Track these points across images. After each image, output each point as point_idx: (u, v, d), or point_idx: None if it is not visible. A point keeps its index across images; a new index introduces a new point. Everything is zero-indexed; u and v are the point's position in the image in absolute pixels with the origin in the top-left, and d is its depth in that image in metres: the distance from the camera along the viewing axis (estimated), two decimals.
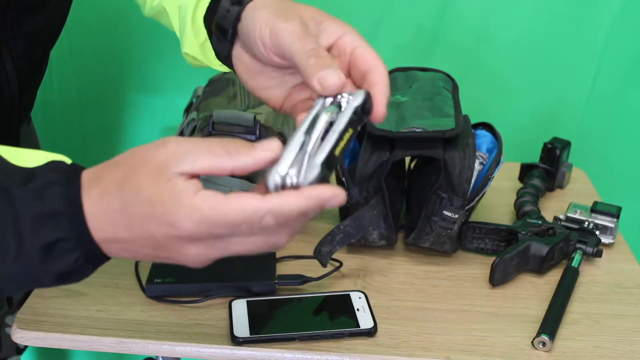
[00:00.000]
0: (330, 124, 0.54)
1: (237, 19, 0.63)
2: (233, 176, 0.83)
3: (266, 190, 0.50)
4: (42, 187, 0.48)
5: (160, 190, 0.47)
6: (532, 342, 0.76)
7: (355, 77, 0.60)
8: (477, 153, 0.88)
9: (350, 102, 0.55)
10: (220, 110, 0.90)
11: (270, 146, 0.50)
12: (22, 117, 0.87)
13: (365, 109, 0.56)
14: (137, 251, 0.51)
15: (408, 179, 0.96)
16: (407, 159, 0.98)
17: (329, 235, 0.85)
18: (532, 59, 1.26)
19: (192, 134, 0.94)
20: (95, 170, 0.50)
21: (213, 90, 1.01)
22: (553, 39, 1.24)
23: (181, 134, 0.98)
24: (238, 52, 0.66)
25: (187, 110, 1.05)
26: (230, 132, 0.89)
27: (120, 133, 1.37)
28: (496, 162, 0.88)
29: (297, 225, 0.51)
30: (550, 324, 0.78)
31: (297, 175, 0.50)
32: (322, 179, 0.51)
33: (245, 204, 0.47)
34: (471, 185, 0.86)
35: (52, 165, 0.50)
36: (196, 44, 0.72)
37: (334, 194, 0.49)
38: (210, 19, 0.68)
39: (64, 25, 0.87)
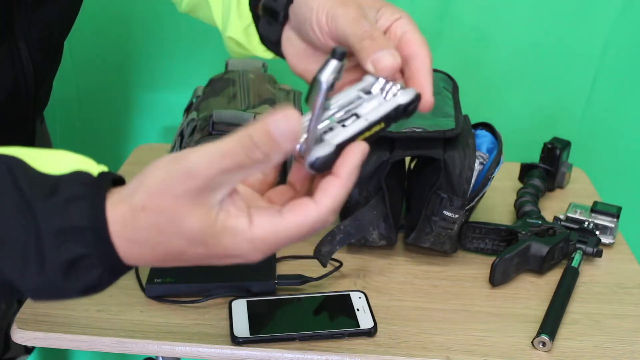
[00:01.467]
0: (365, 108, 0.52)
1: (290, 1, 0.63)
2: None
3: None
4: (66, 201, 0.46)
5: (213, 232, 0.45)
6: (532, 342, 0.76)
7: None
8: (477, 153, 0.88)
9: (396, 97, 0.53)
10: (220, 110, 0.90)
11: (290, 129, 0.44)
12: (37, 110, 0.86)
13: (407, 110, 0.53)
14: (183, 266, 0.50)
15: (408, 179, 0.96)
16: (407, 159, 0.98)
17: (329, 235, 0.85)
18: (532, 59, 1.26)
19: (192, 134, 0.94)
20: (123, 213, 0.46)
21: (213, 90, 1.01)
22: (553, 39, 1.24)
23: (181, 134, 0.98)
24: (288, 35, 0.65)
25: (187, 110, 1.05)
26: (230, 132, 0.89)
27: (120, 133, 1.37)
28: (496, 162, 0.88)
29: None
30: (550, 324, 0.78)
31: (305, 146, 0.47)
32: (333, 160, 0.48)
33: (304, 219, 0.46)
34: (471, 185, 0.86)
35: (77, 176, 0.48)
36: (240, 28, 0.70)
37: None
38: (257, 3, 0.67)
39: (78, 14, 0.87)
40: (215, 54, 1.21)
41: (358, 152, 0.48)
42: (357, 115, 0.51)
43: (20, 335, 0.75)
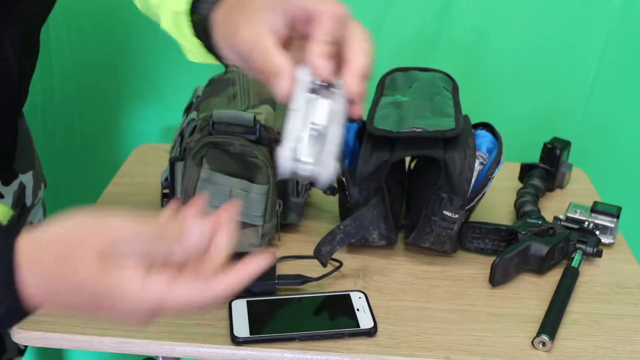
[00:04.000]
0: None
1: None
2: (234, 176, 0.82)
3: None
4: None
5: (103, 288, 0.49)
6: (532, 342, 0.76)
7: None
8: (477, 153, 0.88)
9: (341, 91, 0.56)
10: (220, 110, 0.90)
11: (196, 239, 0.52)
12: (21, 105, 0.86)
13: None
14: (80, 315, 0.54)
15: (408, 179, 0.96)
16: (407, 159, 0.98)
17: (329, 235, 0.85)
18: (532, 59, 1.26)
19: (192, 134, 0.94)
20: (31, 247, 0.50)
21: (213, 90, 1.01)
22: (553, 39, 1.24)
23: (181, 134, 0.98)
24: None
25: (187, 110, 1.05)
26: (230, 132, 0.89)
27: (120, 133, 1.37)
28: (496, 162, 0.88)
29: None
30: (550, 324, 0.78)
31: (317, 170, 0.53)
32: (335, 171, 0.53)
33: (192, 297, 0.51)
34: (471, 185, 0.86)
35: None
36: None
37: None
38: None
39: (54, 5, 0.87)
40: None
41: (255, 264, 0.52)
42: (317, 124, 0.55)
43: (20, 336, 0.75)
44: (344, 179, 0.88)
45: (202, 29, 0.67)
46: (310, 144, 0.53)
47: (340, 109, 0.56)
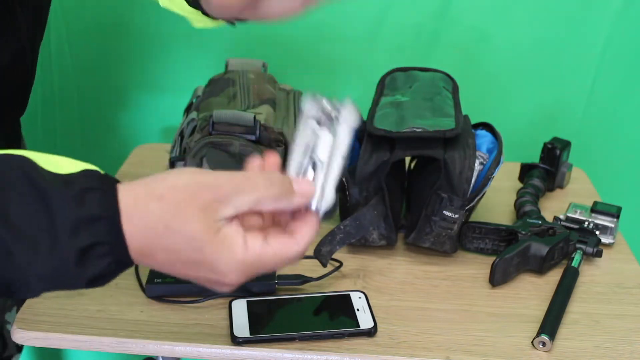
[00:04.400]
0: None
1: None
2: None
3: None
4: (81, 192, 0.48)
5: (212, 241, 0.50)
6: (532, 342, 0.76)
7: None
8: (477, 153, 0.88)
9: (346, 121, 0.59)
10: (220, 110, 0.90)
11: (308, 191, 0.55)
12: (32, 81, 0.87)
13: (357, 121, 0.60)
14: (168, 272, 0.54)
15: (408, 179, 0.96)
16: (407, 159, 0.98)
17: (329, 235, 0.85)
18: (532, 59, 1.26)
19: (192, 134, 0.94)
20: (135, 196, 0.50)
21: (213, 90, 1.01)
22: (553, 39, 1.24)
23: (181, 133, 0.98)
24: None
25: (187, 110, 1.05)
26: (230, 132, 0.89)
27: (120, 133, 1.37)
28: (496, 162, 0.88)
29: None
30: (550, 324, 0.78)
31: (314, 203, 0.56)
32: (335, 205, 0.57)
33: (287, 251, 0.54)
34: (471, 185, 0.86)
35: (87, 172, 0.51)
36: None
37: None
38: None
39: None
40: (215, 54, 1.21)
41: (313, 216, 0.56)
42: (320, 159, 0.58)
43: (20, 335, 0.75)
44: (344, 179, 0.88)
45: None
46: (313, 177, 0.57)
47: (343, 141, 0.58)
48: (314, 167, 0.58)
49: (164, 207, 0.49)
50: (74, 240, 0.47)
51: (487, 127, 0.95)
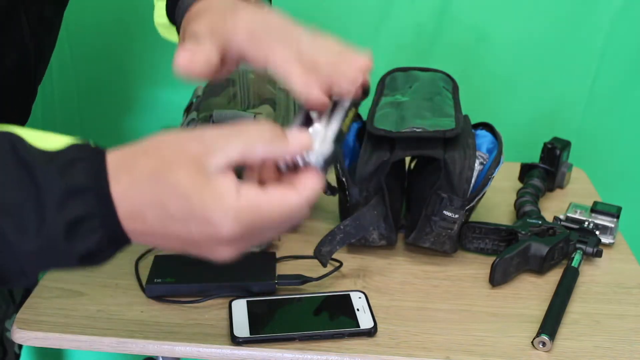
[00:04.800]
0: (335, 103, 0.58)
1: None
2: None
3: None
4: (67, 164, 0.47)
5: (201, 190, 0.47)
6: (532, 342, 0.76)
7: None
8: (477, 153, 0.88)
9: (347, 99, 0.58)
10: (220, 110, 0.90)
11: (303, 140, 0.51)
12: (36, 91, 0.86)
13: (364, 89, 0.59)
14: (164, 244, 0.51)
15: (408, 179, 0.96)
16: (407, 159, 0.98)
17: (329, 235, 0.85)
18: (532, 59, 1.26)
19: None
20: (122, 156, 0.49)
21: (213, 90, 1.01)
22: (553, 39, 1.24)
23: None
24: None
25: (187, 110, 1.05)
26: None
27: (120, 133, 1.37)
28: (496, 162, 0.88)
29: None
30: (550, 324, 0.78)
31: (312, 154, 0.52)
32: (334, 155, 0.54)
33: (287, 200, 0.49)
34: (471, 185, 0.86)
35: (75, 145, 0.50)
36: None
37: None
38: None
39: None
40: None
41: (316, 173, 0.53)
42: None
43: (20, 335, 0.75)
44: (344, 179, 0.88)
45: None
46: (310, 129, 0.56)
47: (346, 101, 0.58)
48: (311, 120, 0.56)
49: (150, 161, 0.48)
50: (61, 213, 0.46)
51: (487, 127, 0.95)
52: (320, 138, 0.54)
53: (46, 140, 0.50)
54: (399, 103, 0.93)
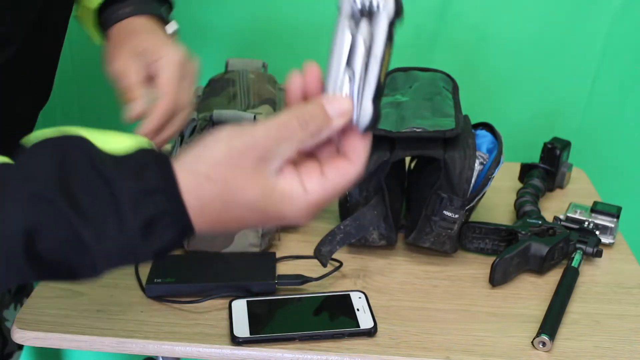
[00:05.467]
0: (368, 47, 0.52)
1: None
2: None
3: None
4: (137, 167, 0.49)
5: (271, 200, 0.50)
6: (532, 342, 0.76)
7: None
8: (477, 153, 0.88)
9: (381, 8, 0.51)
10: (220, 110, 0.90)
11: (342, 107, 0.52)
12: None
13: (397, 11, 0.51)
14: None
15: (408, 179, 0.96)
16: (407, 159, 0.98)
17: (329, 235, 0.85)
18: (532, 59, 1.26)
19: (192, 134, 0.94)
20: (189, 177, 0.50)
21: (213, 90, 1.01)
22: (553, 39, 1.24)
23: (181, 134, 0.97)
24: None
25: None
26: None
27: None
28: (496, 162, 0.88)
29: None
30: (550, 324, 0.78)
31: (356, 118, 0.52)
32: (377, 114, 0.53)
33: (347, 176, 0.52)
34: (471, 185, 0.86)
35: (141, 150, 0.51)
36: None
37: None
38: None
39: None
40: (215, 54, 1.21)
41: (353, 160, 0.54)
42: (354, 69, 0.53)
43: (20, 335, 0.75)
44: None
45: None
46: (348, 88, 0.53)
47: (379, 42, 0.52)
48: (350, 79, 0.53)
49: (215, 187, 0.50)
50: (137, 213, 0.48)
51: (487, 127, 0.95)
52: (358, 100, 0.52)
53: (111, 142, 0.52)
54: (399, 103, 0.93)
